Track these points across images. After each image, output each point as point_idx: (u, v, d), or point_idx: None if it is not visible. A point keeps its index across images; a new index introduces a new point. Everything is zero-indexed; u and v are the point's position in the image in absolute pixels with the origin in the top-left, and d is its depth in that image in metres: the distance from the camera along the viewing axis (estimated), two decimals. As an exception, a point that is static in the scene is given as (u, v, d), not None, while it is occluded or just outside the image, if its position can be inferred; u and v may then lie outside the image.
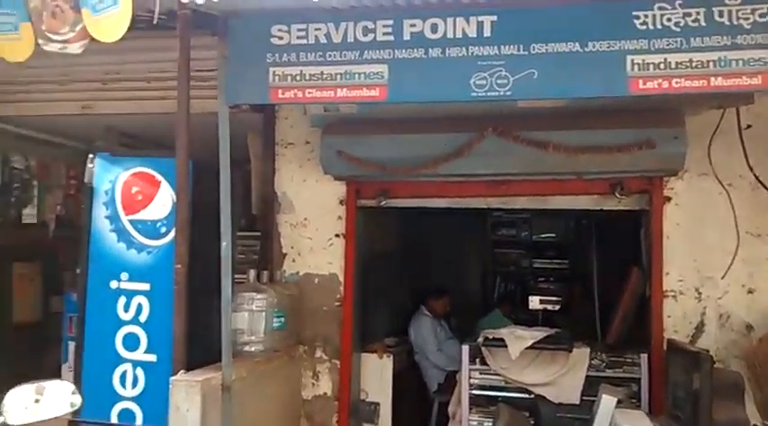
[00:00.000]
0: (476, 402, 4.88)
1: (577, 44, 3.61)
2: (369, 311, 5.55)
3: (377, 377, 5.43)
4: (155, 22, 3.50)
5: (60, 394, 2.12)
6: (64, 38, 3.62)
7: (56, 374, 5.65)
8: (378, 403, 5.38)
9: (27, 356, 6.14)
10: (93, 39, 3.66)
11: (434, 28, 3.72)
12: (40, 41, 3.65)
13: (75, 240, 6.54)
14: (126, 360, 4.13)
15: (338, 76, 3.79)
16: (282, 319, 4.66)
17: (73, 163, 6.83)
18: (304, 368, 5.13)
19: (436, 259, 7.69)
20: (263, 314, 4.48)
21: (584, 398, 4.61)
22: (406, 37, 3.74)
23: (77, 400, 2.15)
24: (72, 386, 2.16)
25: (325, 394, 5.11)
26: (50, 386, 2.16)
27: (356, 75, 3.77)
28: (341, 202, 5.17)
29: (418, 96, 3.81)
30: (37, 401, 2.08)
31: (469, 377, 4.87)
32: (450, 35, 3.70)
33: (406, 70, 3.74)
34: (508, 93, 3.65)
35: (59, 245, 6.76)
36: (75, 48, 3.64)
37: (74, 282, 6.07)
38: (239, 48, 3.93)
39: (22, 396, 2.01)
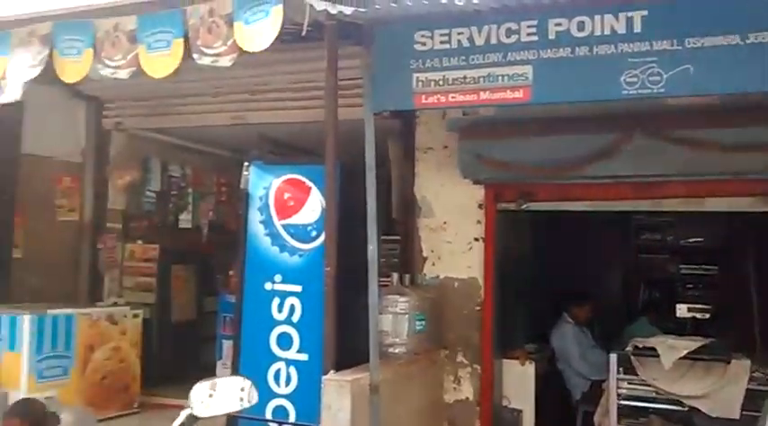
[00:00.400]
0: (624, 412, 4.69)
1: (737, 36, 3.42)
2: (508, 316, 5.47)
3: (519, 383, 5.34)
4: (303, 33, 3.62)
5: (232, 391, 2.23)
6: (216, 51, 3.80)
7: (211, 370, 6.02)
8: (520, 411, 5.29)
9: (184, 352, 6.57)
10: (242, 53, 3.82)
11: (581, 26, 3.65)
12: (195, 56, 3.87)
13: (225, 243, 6.97)
14: (280, 359, 4.31)
15: (481, 79, 3.80)
16: (424, 322, 4.69)
17: (223, 171, 7.27)
18: (445, 372, 5.13)
19: (576, 263, 7.46)
20: (407, 316, 4.53)
21: (744, 413, 4.31)
22: (551, 36, 3.70)
23: (246, 396, 2.25)
24: (243, 383, 2.25)
25: (467, 398, 5.09)
26: (222, 382, 2.27)
27: (499, 78, 3.77)
28: (480, 206, 5.13)
29: (564, 96, 3.75)
30: (210, 396, 2.20)
31: (618, 387, 4.69)
32: (597, 32, 3.62)
33: (551, 70, 3.69)
34: (661, 91, 3.52)
35: (212, 249, 7.19)
36: (226, 60, 3.81)
37: (226, 283, 6.46)
38: (383, 55, 4.01)
39: (201, 391, 2.13)
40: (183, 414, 2.04)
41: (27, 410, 3.63)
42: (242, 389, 2.28)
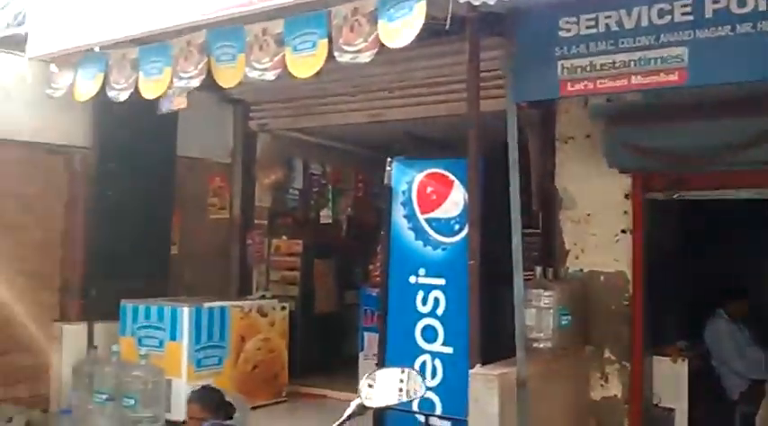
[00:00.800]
0: (793, 416, 4.37)
1: None
2: (658, 311, 5.22)
3: (671, 381, 5.08)
4: (447, 27, 3.61)
5: (392, 383, 2.25)
6: (357, 48, 3.84)
7: (353, 362, 6.18)
8: (672, 409, 5.05)
9: (327, 344, 6.78)
10: (381, 48, 3.84)
11: (742, 2, 3.41)
12: (336, 54, 3.94)
13: (363, 238, 7.14)
14: (425, 351, 4.34)
15: (632, 63, 3.64)
16: (569, 317, 4.58)
17: (360, 167, 7.44)
18: (592, 368, 4.98)
19: (730, 256, 7.00)
20: (551, 311, 4.46)
21: None
22: (708, 15, 3.48)
23: (405, 387, 2.26)
24: (402, 375, 2.26)
25: (615, 396, 4.91)
26: (382, 373, 2.29)
27: (652, 61, 3.59)
28: (626, 196, 4.93)
29: (724, 77, 3.53)
30: (371, 386, 2.23)
31: (784, 389, 4.37)
32: (762, 7, 3.36)
33: (708, 50, 3.48)
34: (837, 67, 3.23)
35: (350, 243, 7.38)
36: (365, 56, 3.84)
37: (366, 277, 6.61)
38: (526, 44, 3.93)
39: (366, 381, 2.18)
40: (354, 404, 2.10)
41: (208, 397, 3.87)
42: (401, 381, 2.29)
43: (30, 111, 5.20)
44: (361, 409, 2.10)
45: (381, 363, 4.40)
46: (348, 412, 2.08)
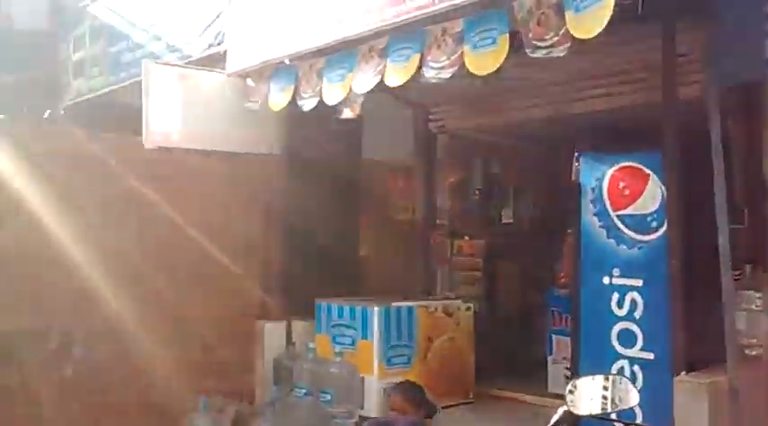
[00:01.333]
0: None
1: None
2: None
3: None
4: (639, 11, 3.41)
5: (593, 390, 2.15)
6: (548, 43, 3.70)
7: (540, 365, 6.02)
8: None
9: (511, 345, 6.65)
10: (573, 41, 3.70)
11: None
12: (528, 50, 3.82)
13: (546, 238, 6.94)
14: (623, 357, 4.13)
15: None
16: (784, 321, 4.15)
17: (541, 164, 7.24)
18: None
19: None
20: (764, 314, 4.05)
21: None
22: None
23: (611, 395, 2.15)
24: (606, 383, 2.15)
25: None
26: (583, 381, 2.20)
27: None
28: None
29: None
30: (571, 392, 2.14)
31: None
32: None
33: None
34: None
35: (533, 243, 7.21)
36: (559, 51, 3.68)
37: (552, 277, 6.42)
38: (728, 24, 3.63)
39: (570, 388, 2.10)
40: (560, 410, 2.03)
41: (411, 390, 3.95)
42: (604, 388, 2.18)
43: (229, 123, 5.57)
44: (567, 416, 2.02)
45: (575, 368, 4.25)
46: (555, 418, 2.01)
